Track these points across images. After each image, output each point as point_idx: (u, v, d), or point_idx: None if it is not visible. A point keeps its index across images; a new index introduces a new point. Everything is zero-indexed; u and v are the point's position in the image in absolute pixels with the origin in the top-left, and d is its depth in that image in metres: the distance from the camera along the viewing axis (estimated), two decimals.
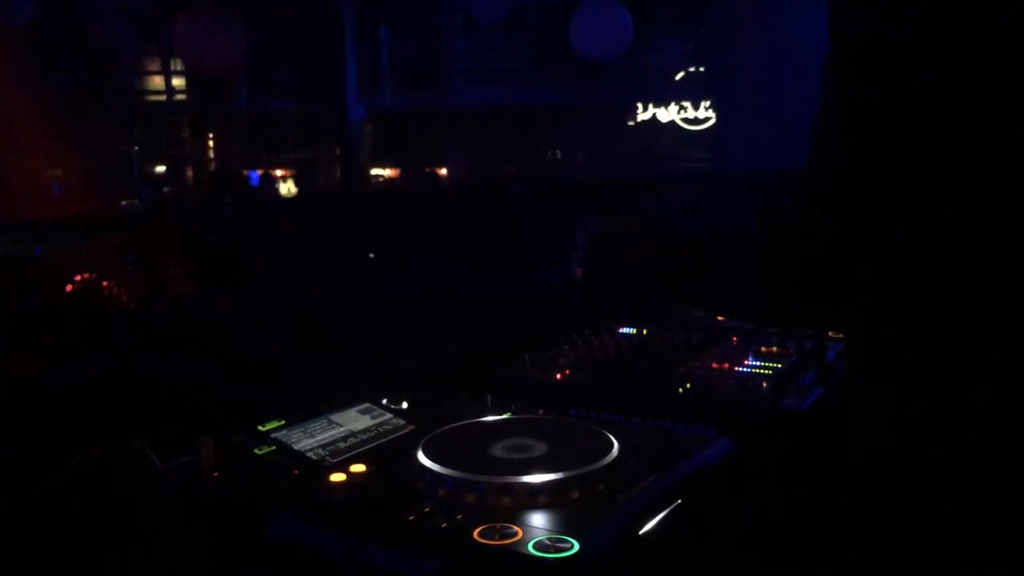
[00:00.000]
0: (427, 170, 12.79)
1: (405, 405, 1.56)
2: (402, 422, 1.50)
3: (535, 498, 1.17)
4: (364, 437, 1.43)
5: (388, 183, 13.76)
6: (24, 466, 1.41)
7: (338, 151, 13.36)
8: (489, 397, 1.57)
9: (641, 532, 1.14)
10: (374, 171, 14.01)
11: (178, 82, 14.25)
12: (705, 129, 13.89)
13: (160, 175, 14.13)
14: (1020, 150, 1.04)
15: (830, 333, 2.03)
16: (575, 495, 1.18)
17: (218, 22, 7.26)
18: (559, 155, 14.60)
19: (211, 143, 15.21)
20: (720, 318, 2.03)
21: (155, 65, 14.04)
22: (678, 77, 12.92)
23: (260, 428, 1.42)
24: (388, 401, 1.57)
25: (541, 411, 1.54)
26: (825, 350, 1.89)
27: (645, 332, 2.05)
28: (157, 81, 14.32)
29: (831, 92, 1.17)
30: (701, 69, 12.75)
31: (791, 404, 1.61)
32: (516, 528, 1.10)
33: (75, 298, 4.20)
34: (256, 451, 1.36)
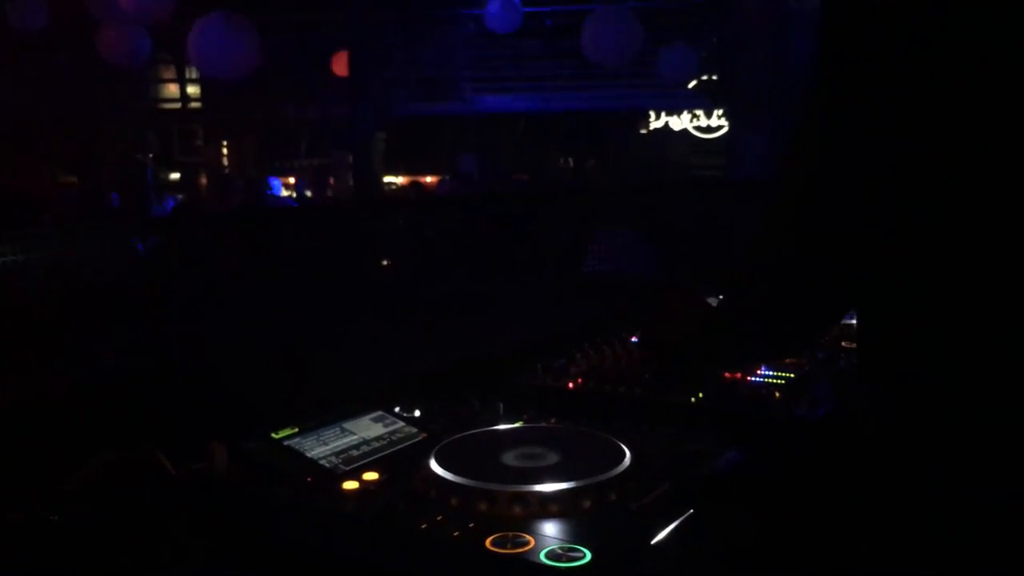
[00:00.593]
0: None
1: (417, 413, 1.57)
2: (414, 430, 1.50)
3: (547, 507, 1.17)
4: (377, 445, 1.44)
5: (400, 190, 13.78)
6: (38, 471, 1.42)
7: (350, 158, 13.40)
8: (501, 405, 1.57)
9: (653, 542, 1.14)
10: (386, 178, 14.04)
11: (192, 89, 14.33)
12: (718, 137, 13.88)
13: (174, 181, 14.20)
14: (1013, 146, 1.04)
15: (843, 343, 2.03)
16: (587, 504, 1.18)
17: (231, 29, 7.29)
18: (571, 162, 14.60)
19: (225, 150, 15.28)
20: None
21: (169, 72, 14.12)
22: (691, 85, 12.92)
23: (273, 435, 1.42)
24: (401, 409, 1.57)
25: (553, 419, 1.54)
26: (838, 360, 1.88)
27: None
28: (172, 88, 14.40)
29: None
30: (714, 77, 12.74)
31: (804, 414, 1.61)
32: (528, 537, 1.10)
33: (88, 304, 4.22)
34: (269, 458, 1.37)
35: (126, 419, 1.57)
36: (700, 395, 1.69)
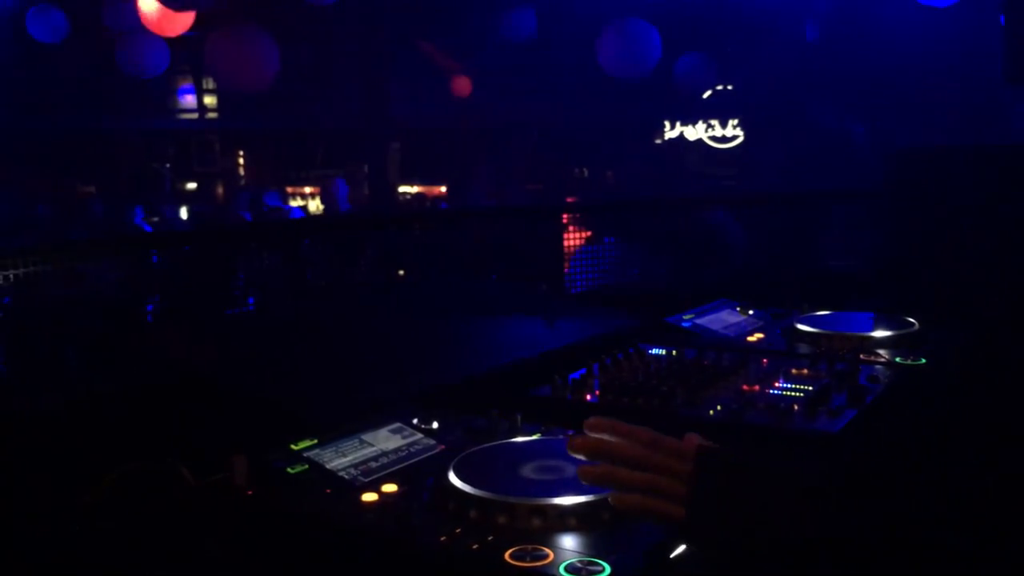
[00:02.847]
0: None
1: (436, 425, 1.57)
2: (432, 442, 1.51)
3: (566, 520, 1.17)
4: (395, 457, 1.44)
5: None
6: (59, 483, 1.43)
7: (366, 168, 13.46)
8: (519, 417, 1.57)
9: (672, 555, 1.13)
10: (401, 188, 14.09)
11: (210, 100, 14.42)
12: (733, 147, 13.85)
13: (191, 191, 14.29)
14: None
15: (861, 355, 2.02)
16: (606, 517, 1.18)
17: (249, 41, 7.33)
18: (586, 173, 14.60)
19: (241, 160, 15.36)
20: None
21: (187, 83, 14.22)
22: (706, 95, 12.91)
23: (293, 447, 1.43)
24: (419, 421, 1.57)
25: (572, 432, 1.53)
26: (857, 372, 1.88)
27: (675, 353, 2.05)
28: (189, 99, 14.50)
29: None
30: (729, 87, 12.73)
31: (823, 427, 1.60)
32: (547, 550, 1.10)
33: (107, 315, 4.25)
34: (289, 470, 1.37)
35: (147, 431, 1.58)
36: (718, 408, 1.69)
